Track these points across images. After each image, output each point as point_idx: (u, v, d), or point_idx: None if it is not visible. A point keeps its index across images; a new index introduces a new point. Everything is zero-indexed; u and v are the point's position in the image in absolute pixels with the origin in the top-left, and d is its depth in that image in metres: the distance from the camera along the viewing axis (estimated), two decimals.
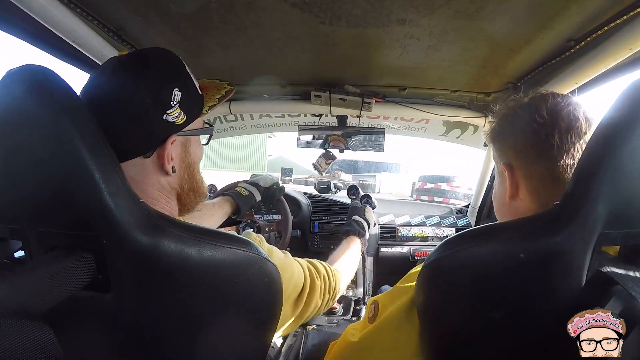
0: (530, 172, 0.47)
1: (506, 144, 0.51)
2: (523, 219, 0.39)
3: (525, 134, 0.47)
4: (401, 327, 0.49)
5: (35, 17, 0.63)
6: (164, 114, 0.43)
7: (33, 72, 0.33)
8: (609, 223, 0.34)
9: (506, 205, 0.52)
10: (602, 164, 0.34)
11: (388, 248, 1.69)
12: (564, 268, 0.34)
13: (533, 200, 0.48)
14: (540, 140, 0.45)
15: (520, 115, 0.49)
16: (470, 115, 1.27)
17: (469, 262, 0.40)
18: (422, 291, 0.46)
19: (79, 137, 0.32)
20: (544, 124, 0.45)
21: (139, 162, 0.44)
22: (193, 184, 0.51)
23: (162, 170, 0.45)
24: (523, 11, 0.65)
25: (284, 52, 0.90)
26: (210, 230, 0.39)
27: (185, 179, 0.50)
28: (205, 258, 0.37)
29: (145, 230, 0.34)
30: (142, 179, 0.44)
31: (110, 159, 0.34)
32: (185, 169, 0.49)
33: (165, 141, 0.44)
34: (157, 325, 0.36)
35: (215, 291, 0.39)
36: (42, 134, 0.32)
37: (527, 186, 0.48)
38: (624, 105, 0.34)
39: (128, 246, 0.33)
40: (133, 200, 0.34)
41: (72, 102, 0.34)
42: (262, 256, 0.43)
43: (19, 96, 0.33)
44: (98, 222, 0.32)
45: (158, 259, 0.34)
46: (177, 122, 0.45)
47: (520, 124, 0.48)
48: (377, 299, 0.57)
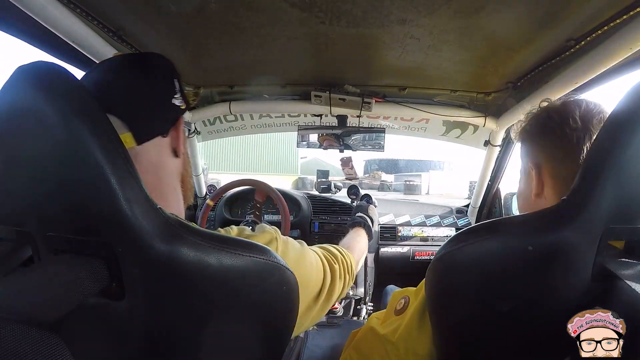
0: (557, 173, 0.49)
1: (536, 144, 0.53)
2: (531, 213, 0.40)
3: (556, 137, 0.49)
4: (420, 322, 0.51)
5: (35, 17, 0.63)
6: (172, 98, 0.49)
7: (44, 69, 0.32)
8: (615, 218, 0.34)
9: (531, 203, 0.54)
10: (609, 160, 0.34)
11: (388, 248, 1.69)
12: (570, 262, 0.35)
13: (556, 200, 0.50)
14: (571, 144, 0.47)
15: (553, 118, 0.51)
16: (470, 115, 1.27)
17: (479, 255, 0.41)
18: (432, 284, 0.47)
19: (92, 140, 0.30)
20: (576, 129, 0.47)
21: (158, 142, 0.48)
22: (189, 170, 0.56)
23: (173, 153, 0.50)
24: (523, 11, 0.65)
25: (284, 52, 0.90)
26: (228, 237, 0.39)
27: (185, 164, 0.54)
28: (225, 266, 0.36)
29: (163, 237, 0.32)
30: (159, 162, 0.48)
31: (126, 163, 0.32)
32: (185, 153, 0.53)
33: (177, 121, 0.50)
34: (171, 334, 0.35)
35: (233, 300, 0.38)
36: (53, 134, 0.30)
37: (553, 185, 0.50)
38: (631, 103, 0.35)
39: (145, 254, 0.32)
40: (151, 207, 0.33)
41: (85, 101, 0.32)
42: (281, 264, 0.42)
43: (29, 94, 0.31)
44: (113, 229, 0.31)
45: (176, 267, 0.33)
46: (181, 107, 0.51)
47: (552, 126, 0.50)
48: (408, 294, 0.59)
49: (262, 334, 0.43)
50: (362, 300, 1.55)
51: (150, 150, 0.47)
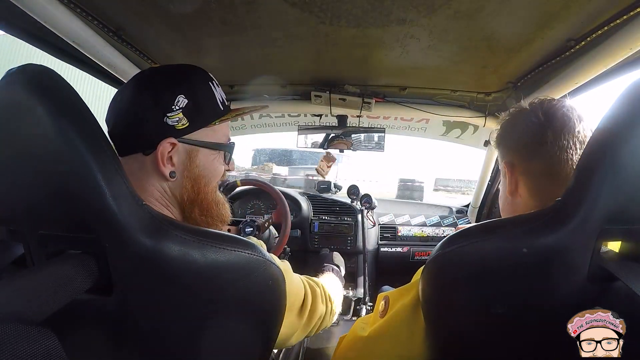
0: (528, 169, 0.51)
1: (507, 145, 0.56)
2: (526, 215, 0.39)
3: (523, 134, 0.52)
4: (408, 322, 0.51)
5: (35, 17, 0.63)
6: (164, 116, 0.46)
7: (34, 72, 0.33)
8: (610, 219, 0.34)
9: (508, 203, 0.55)
10: (603, 161, 0.34)
11: (388, 248, 1.69)
12: (566, 263, 0.35)
13: (531, 196, 0.51)
14: (536, 138, 0.49)
15: (519, 118, 0.54)
16: (470, 115, 1.27)
17: (473, 258, 0.41)
18: (426, 286, 0.47)
19: (80, 138, 0.31)
20: (540, 124, 0.49)
21: (140, 157, 0.46)
22: (198, 199, 0.50)
23: (160, 172, 0.46)
24: (523, 11, 0.65)
25: (284, 52, 0.90)
26: (213, 232, 0.39)
27: (188, 189, 0.49)
28: (209, 261, 0.37)
29: (148, 233, 0.33)
30: (142, 175, 0.46)
31: (112, 161, 0.33)
32: (189, 178, 0.49)
33: (162, 143, 0.46)
34: (160, 328, 0.36)
35: (219, 294, 0.38)
36: (43, 134, 0.31)
37: (526, 183, 0.52)
38: (625, 103, 0.34)
39: (131, 249, 0.32)
40: (136, 203, 0.34)
41: (73, 102, 0.33)
42: (266, 258, 0.43)
43: (19, 96, 0.32)
44: (100, 225, 0.32)
45: (161, 262, 0.34)
46: (178, 127, 0.47)
47: (519, 125, 0.53)
48: (388, 295, 0.59)
49: (251, 328, 0.43)
50: (362, 301, 1.55)
51: (131, 164, 0.46)
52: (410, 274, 0.56)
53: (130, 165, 0.46)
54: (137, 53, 0.89)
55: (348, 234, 1.66)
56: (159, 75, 0.48)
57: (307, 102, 1.24)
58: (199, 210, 0.50)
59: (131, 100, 0.46)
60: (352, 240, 1.65)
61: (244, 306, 0.41)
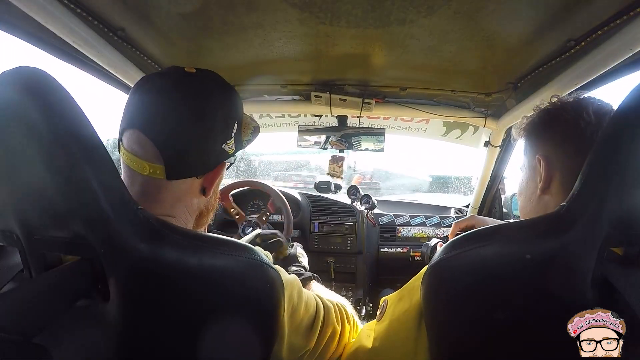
0: (566, 166, 0.48)
1: (544, 136, 0.52)
2: (529, 220, 0.39)
3: (568, 129, 0.48)
4: (414, 333, 0.49)
5: (35, 17, 0.63)
6: (224, 143, 0.47)
7: (27, 74, 0.32)
8: (616, 224, 0.34)
9: (534, 201, 0.52)
10: (610, 165, 0.33)
11: (388, 248, 1.69)
12: (570, 269, 0.34)
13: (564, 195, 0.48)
14: (584, 137, 0.46)
15: (565, 112, 0.50)
16: (470, 116, 1.27)
17: (475, 263, 0.40)
18: (428, 292, 0.46)
19: (75, 142, 0.31)
20: (590, 123, 0.46)
21: (190, 181, 0.46)
22: (215, 204, 0.54)
23: (202, 192, 0.48)
24: (523, 11, 0.65)
25: (284, 52, 0.90)
26: (210, 237, 0.39)
27: (212, 202, 0.52)
28: (206, 266, 0.36)
29: (144, 237, 0.33)
30: (186, 194, 0.46)
31: (107, 164, 0.33)
32: (215, 192, 0.51)
33: (218, 166, 0.47)
34: (157, 334, 0.35)
35: (216, 299, 0.38)
36: (37, 138, 0.31)
37: (561, 179, 0.49)
38: (632, 106, 0.34)
39: (127, 254, 0.32)
40: (132, 207, 0.33)
41: (67, 104, 0.32)
42: (263, 262, 0.42)
43: (12, 99, 0.31)
44: (95, 230, 0.31)
45: (157, 267, 0.33)
46: (229, 151, 0.49)
47: (564, 118, 0.49)
48: (387, 298, 0.58)
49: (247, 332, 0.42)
50: (362, 301, 1.55)
51: (178, 186, 0.45)
52: (410, 275, 0.56)
53: (179, 185, 0.44)
54: (137, 53, 0.89)
55: (348, 235, 1.66)
56: (216, 101, 0.46)
57: (307, 103, 1.24)
58: (200, 219, 0.52)
59: (191, 129, 0.44)
60: (352, 241, 1.65)
61: (241, 310, 0.41)
